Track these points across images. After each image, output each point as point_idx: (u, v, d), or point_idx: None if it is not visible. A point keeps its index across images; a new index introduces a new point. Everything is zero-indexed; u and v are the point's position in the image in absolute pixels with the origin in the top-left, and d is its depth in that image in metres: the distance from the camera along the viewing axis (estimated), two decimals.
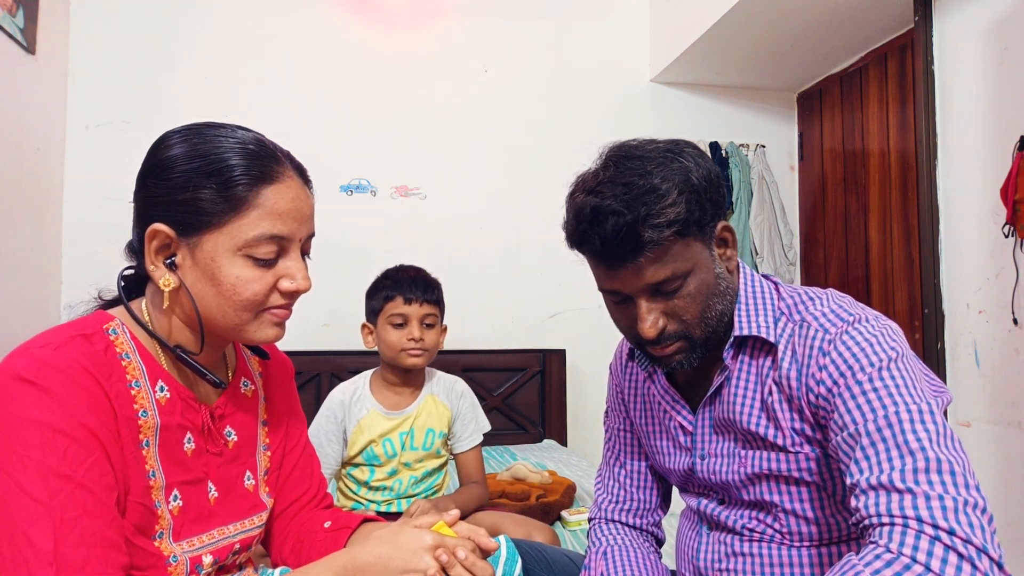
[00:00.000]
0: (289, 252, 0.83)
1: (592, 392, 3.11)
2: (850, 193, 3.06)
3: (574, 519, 1.76)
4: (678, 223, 0.81)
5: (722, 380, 0.92)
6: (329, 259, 2.98)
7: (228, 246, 0.78)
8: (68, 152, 2.77)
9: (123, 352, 0.79)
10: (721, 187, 0.88)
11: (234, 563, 0.91)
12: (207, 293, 0.80)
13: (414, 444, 1.64)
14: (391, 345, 1.59)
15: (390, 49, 3.07)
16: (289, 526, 1.00)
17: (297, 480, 1.01)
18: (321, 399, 1.58)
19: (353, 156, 3.02)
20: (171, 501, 0.81)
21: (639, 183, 0.81)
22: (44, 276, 2.60)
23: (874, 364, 0.78)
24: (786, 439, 0.86)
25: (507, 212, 3.13)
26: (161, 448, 0.81)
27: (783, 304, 0.91)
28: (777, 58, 3.04)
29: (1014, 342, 2.06)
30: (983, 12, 2.15)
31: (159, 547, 0.78)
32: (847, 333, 0.81)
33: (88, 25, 2.80)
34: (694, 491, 1.01)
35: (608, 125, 3.18)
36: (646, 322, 0.85)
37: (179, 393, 0.84)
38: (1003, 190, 2.01)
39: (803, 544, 0.89)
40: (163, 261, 0.80)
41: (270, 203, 0.80)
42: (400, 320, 1.59)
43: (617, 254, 0.83)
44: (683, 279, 0.84)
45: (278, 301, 0.83)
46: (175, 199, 0.78)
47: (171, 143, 0.81)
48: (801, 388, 0.84)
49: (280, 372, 1.04)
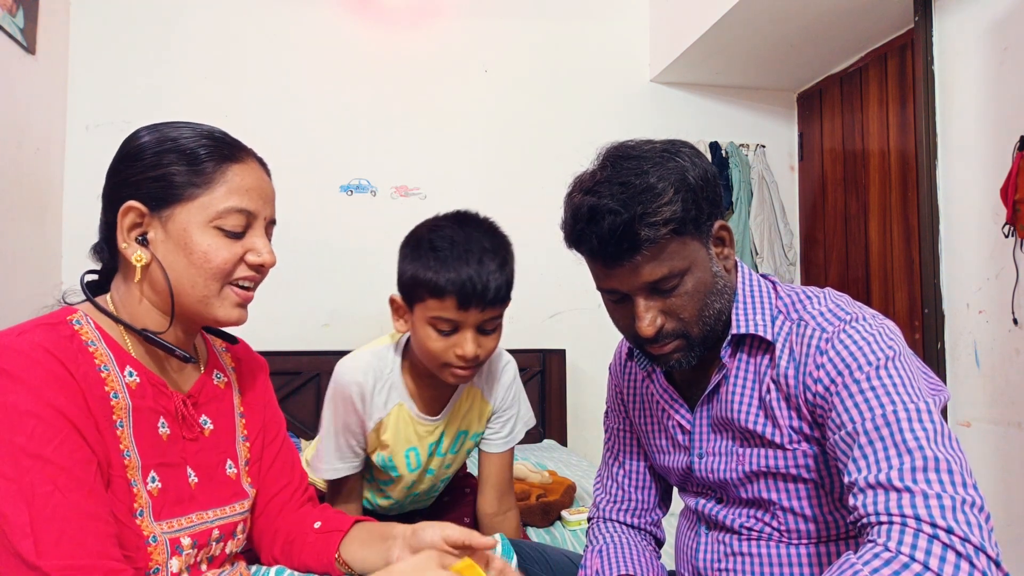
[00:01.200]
0: (254, 228, 0.88)
1: (592, 392, 3.11)
2: (850, 193, 3.06)
3: (574, 519, 1.76)
4: (674, 221, 0.82)
5: (720, 379, 0.92)
6: (329, 259, 2.99)
7: (200, 218, 0.83)
8: (68, 152, 2.77)
9: (88, 340, 0.81)
10: (718, 186, 0.88)
11: (223, 554, 0.92)
12: (179, 263, 0.84)
13: (441, 451, 1.31)
14: (431, 354, 1.15)
15: (390, 49, 3.07)
16: (275, 523, 1.01)
17: (277, 473, 1.02)
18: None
19: (353, 156, 3.02)
20: (149, 482, 0.82)
21: (635, 182, 0.82)
22: (44, 276, 2.60)
23: (871, 363, 0.78)
24: (783, 437, 0.86)
25: (507, 212, 3.09)
26: (135, 429, 0.82)
27: (780, 303, 0.91)
28: (777, 58, 3.04)
29: (1014, 342, 2.06)
30: (983, 12, 2.15)
31: (140, 525, 0.79)
32: (844, 332, 0.82)
33: (88, 25, 2.80)
34: (692, 490, 1.01)
35: (608, 125, 3.18)
36: (644, 320, 0.86)
37: (149, 379, 0.86)
38: (1003, 190, 2.01)
39: (801, 542, 0.89)
40: (135, 239, 0.84)
41: (237, 179, 0.85)
42: (447, 327, 1.12)
43: (614, 253, 0.83)
44: (680, 277, 0.85)
45: (244, 273, 0.87)
46: (147, 176, 0.83)
47: (140, 134, 0.87)
48: (799, 386, 0.84)
49: (253, 368, 1.05)
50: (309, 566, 0.97)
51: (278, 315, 2.86)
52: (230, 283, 0.87)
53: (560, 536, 1.67)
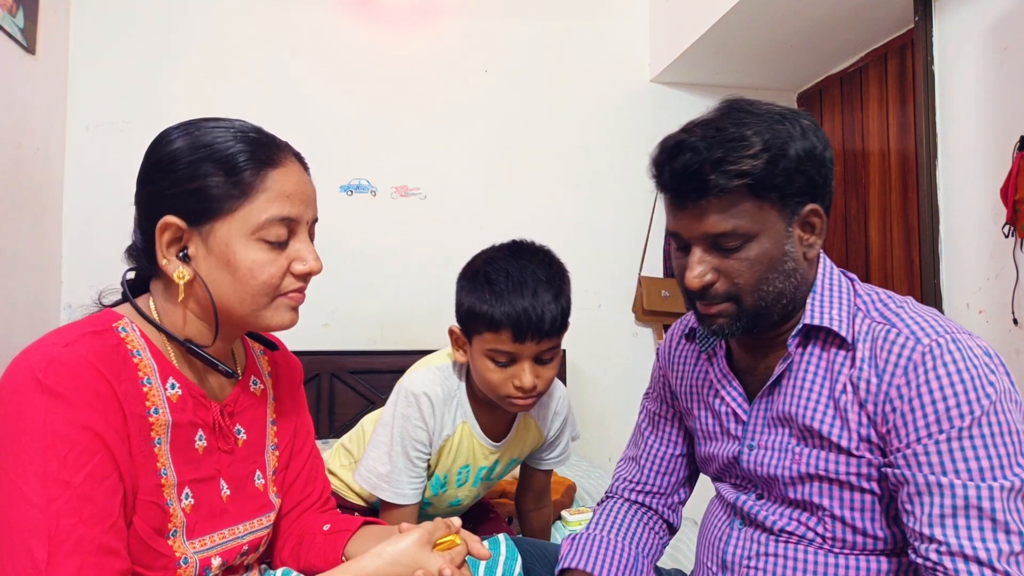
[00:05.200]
0: (298, 234, 0.84)
1: (592, 392, 3.10)
2: (850, 193, 3.06)
3: (574, 519, 1.75)
4: (750, 176, 0.79)
5: (783, 369, 0.88)
6: (329, 259, 2.96)
7: (241, 231, 0.80)
8: (68, 152, 2.76)
9: (134, 349, 0.79)
10: (823, 169, 0.84)
11: (241, 564, 0.91)
12: (223, 280, 0.80)
13: (493, 475, 1.34)
14: (490, 386, 1.17)
15: (390, 49, 3.07)
16: (291, 528, 1.01)
17: (304, 483, 1.01)
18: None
19: (353, 156, 3.02)
20: (183, 499, 0.81)
21: (730, 130, 0.80)
22: (44, 276, 2.60)
23: (972, 412, 0.75)
24: (851, 441, 0.82)
25: (507, 212, 3.13)
26: (172, 445, 0.80)
27: (859, 300, 0.87)
28: (777, 58, 3.04)
29: (1014, 342, 2.05)
30: (983, 12, 2.15)
31: (172, 546, 0.78)
32: (945, 350, 0.78)
33: (88, 25, 2.80)
34: (732, 482, 0.98)
35: (608, 125, 3.18)
36: (693, 271, 0.84)
37: (190, 390, 0.84)
38: (1003, 190, 2.01)
39: (843, 551, 0.85)
40: (175, 255, 0.80)
41: (277, 186, 0.81)
42: (505, 359, 1.15)
43: (683, 191, 0.82)
44: (745, 240, 0.81)
45: (293, 285, 0.84)
46: (184, 189, 0.79)
47: (172, 138, 0.82)
48: (880, 395, 0.80)
49: (290, 373, 1.04)
50: (315, 566, 0.95)
51: None
52: (280, 294, 0.84)
53: (561, 536, 1.67)
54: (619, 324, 3.08)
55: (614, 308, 3.12)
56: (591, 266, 3.01)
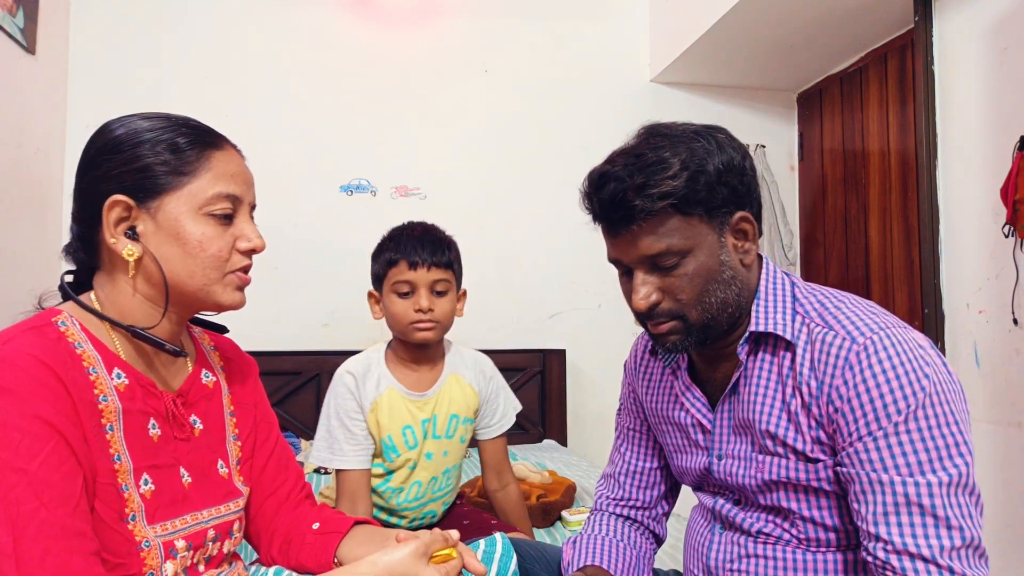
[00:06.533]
0: (240, 214, 0.88)
1: (592, 392, 3.11)
2: (850, 193, 3.06)
3: (574, 519, 1.76)
4: (673, 196, 0.82)
5: (738, 376, 0.91)
6: (329, 259, 2.98)
7: (189, 205, 0.83)
8: (68, 152, 2.77)
9: (75, 342, 0.80)
10: (745, 177, 0.87)
11: (220, 554, 0.92)
12: (174, 255, 0.83)
13: (436, 432, 1.45)
14: (397, 317, 1.40)
15: (390, 49, 3.07)
16: (274, 523, 1.01)
17: (273, 472, 1.02)
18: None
19: (353, 156, 3.02)
20: (141, 485, 0.82)
21: (649, 155, 0.83)
22: (44, 276, 2.59)
23: (909, 406, 0.77)
24: (806, 444, 0.84)
25: (507, 212, 3.13)
26: (126, 432, 0.81)
27: (799, 305, 0.89)
28: (777, 58, 3.04)
29: (1014, 342, 2.06)
30: (983, 12, 2.15)
31: (132, 530, 0.79)
32: (878, 353, 0.79)
33: (88, 25, 2.80)
34: (709, 490, 1.00)
35: (608, 125, 3.17)
36: (638, 293, 0.87)
37: (137, 380, 0.85)
38: (1003, 190, 2.01)
39: (820, 549, 0.87)
40: (123, 233, 0.83)
41: (221, 166, 0.86)
42: (406, 288, 1.38)
43: (613, 219, 0.85)
44: (680, 257, 0.84)
45: (240, 262, 0.88)
46: (131, 168, 0.82)
47: (113, 128, 0.86)
48: (822, 397, 0.82)
49: (243, 367, 1.05)
50: (306, 567, 0.96)
51: (278, 315, 2.86)
52: (229, 272, 0.87)
53: (560, 536, 1.67)
54: (619, 324, 3.08)
55: (614, 308, 3.12)
56: (591, 266, 3.01)
